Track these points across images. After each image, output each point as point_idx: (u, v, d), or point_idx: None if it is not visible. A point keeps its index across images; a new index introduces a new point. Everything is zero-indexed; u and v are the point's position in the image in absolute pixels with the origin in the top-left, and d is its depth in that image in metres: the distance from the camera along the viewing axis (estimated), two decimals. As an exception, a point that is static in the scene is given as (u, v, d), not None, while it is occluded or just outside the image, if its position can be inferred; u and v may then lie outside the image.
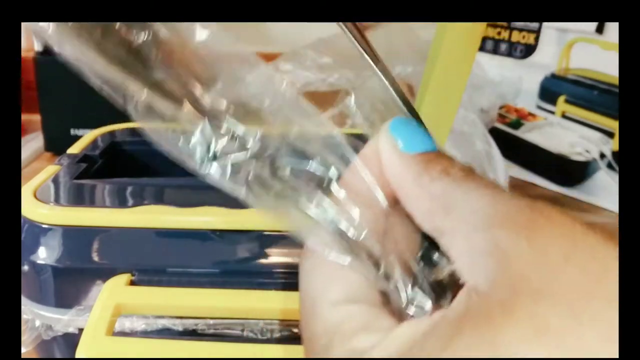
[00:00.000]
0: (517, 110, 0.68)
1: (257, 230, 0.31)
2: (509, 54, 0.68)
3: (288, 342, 0.30)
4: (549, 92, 0.65)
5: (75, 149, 0.42)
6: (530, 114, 0.67)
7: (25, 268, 0.31)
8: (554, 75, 0.64)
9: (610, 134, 0.59)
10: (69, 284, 0.31)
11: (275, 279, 0.30)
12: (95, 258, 0.31)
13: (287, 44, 0.64)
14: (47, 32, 0.18)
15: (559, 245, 0.13)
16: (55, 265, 0.30)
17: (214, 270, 0.31)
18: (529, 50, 0.66)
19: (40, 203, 0.32)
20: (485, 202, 0.15)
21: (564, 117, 0.64)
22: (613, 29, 0.58)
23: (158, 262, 0.31)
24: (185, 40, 0.19)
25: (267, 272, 0.31)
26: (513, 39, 0.67)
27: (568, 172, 0.63)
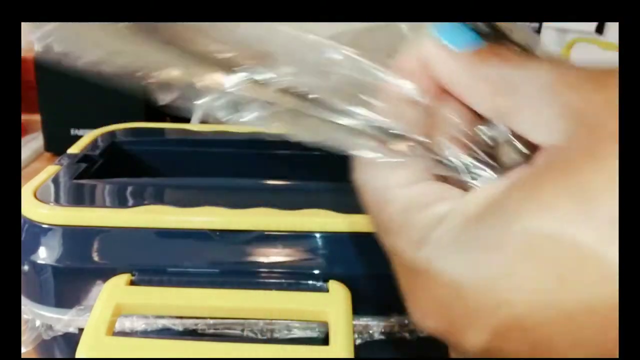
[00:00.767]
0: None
1: (257, 230, 0.31)
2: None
3: (288, 342, 0.30)
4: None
5: (75, 149, 0.42)
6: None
7: (26, 268, 0.31)
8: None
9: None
10: (69, 284, 0.31)
11: (275, 279, 0.30)
12: (96, 258, 0.31)
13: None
14: (47, 31, 0.18)
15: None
16: (56, 265, 0.31)
17: (214, 270, 0.31)
18: (529, 50, 0.66)
19: (41, 203, 0.32)
20: (551, 78, 0.15)
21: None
22: (613, 29, 0.58)
23: (158, 262, 0.31)
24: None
25: (267, 272, 0.31)
26: (513, 39, 0.67)
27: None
